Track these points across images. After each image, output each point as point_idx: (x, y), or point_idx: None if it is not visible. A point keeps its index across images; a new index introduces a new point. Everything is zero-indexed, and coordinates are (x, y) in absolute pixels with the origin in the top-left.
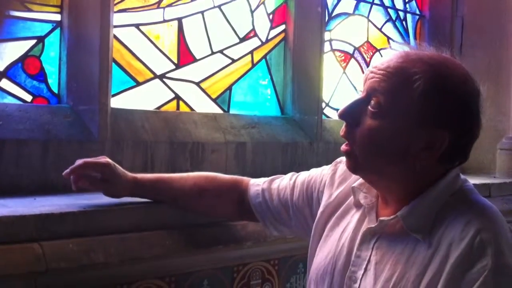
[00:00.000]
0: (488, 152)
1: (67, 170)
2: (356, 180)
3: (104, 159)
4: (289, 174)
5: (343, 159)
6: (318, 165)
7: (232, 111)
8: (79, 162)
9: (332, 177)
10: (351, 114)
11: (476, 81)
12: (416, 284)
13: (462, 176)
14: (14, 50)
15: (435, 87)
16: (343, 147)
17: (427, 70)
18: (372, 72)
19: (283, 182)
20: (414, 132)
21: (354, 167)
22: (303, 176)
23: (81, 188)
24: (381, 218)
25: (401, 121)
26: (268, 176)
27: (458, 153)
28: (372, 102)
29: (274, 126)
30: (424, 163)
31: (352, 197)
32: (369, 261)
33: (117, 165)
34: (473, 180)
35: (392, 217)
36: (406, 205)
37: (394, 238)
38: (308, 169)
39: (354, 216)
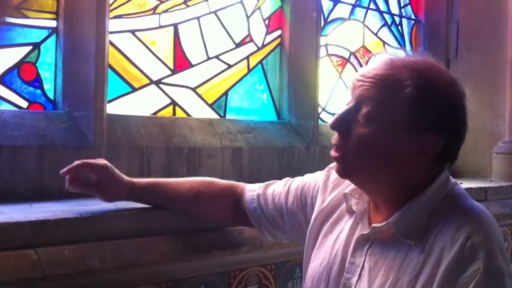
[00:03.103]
0: (484, 156)
1: (65, 169)
2: (348, 186)
3: (102, 161)
4: (284, 180)
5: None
6: (315, 170)
7: (228, 116)
8: (77, 162)
9: (325, 183)
10: (343, 123)
11: (461, 84)
12: None
13: (452, 180)
14: (10, 56)
15: (424, 92)
16: (333, 153)
17: (414, 76)
18: (359, 80)
19: (278, 188)
20: (406, 138)
21: (344, 172)
22: (297, 181)
23: (77, 192)
24: (374, 225)
25: (392, 127)
26: (264, 181)
27: (448, 156)
28: (363, 110)
29: (270, 131)
30: (416, 168)
31: (345, 203)
32: (363, 267)
33: (114, 168)
34: (469, 184)
35: (384, 223)
36: (397, 210)
37: (386, 244)
38: (304, 174)
39: (347, 223)
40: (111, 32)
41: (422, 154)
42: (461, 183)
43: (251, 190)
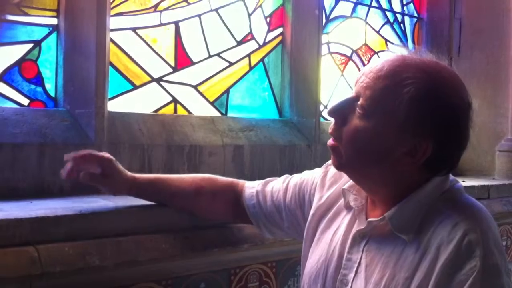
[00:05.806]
0: (487, 154)
1: (71, 154)
2: (346, 182)
3: (107, 154)
4: (283, 177)
5: None
6: (316, 167)
7: (229, 114)
8: (84, 152)
9: (323, 179)
10: (340, 112)
11: (469, 93)
12: (405, 287)
13: (451, 177)
14: (11, 54)
15: (425, 95)
16: (329, 141)
17: (420, 77)
18: (364, 74)
19: (277, 185)
20: (398, 137)
21: (338, 164)
22: (295, 178)
23: (76, 189)
24: (370, 219)
25: (386, 125)
26: None
27: (443, 163)
28: (360, 102)
29: (272, 129)
30: (406, 168)
31: (342, 199)
32: (359, 263)
33: (118, 162)
34: (472, 182)
35: (380, 218)
36: (393, 206)
37: (383, 240)
38: None
39: (344, 219)
40: (112, 30)
41: (412, 156)
42: (463, 181)
43: (250, 187)
